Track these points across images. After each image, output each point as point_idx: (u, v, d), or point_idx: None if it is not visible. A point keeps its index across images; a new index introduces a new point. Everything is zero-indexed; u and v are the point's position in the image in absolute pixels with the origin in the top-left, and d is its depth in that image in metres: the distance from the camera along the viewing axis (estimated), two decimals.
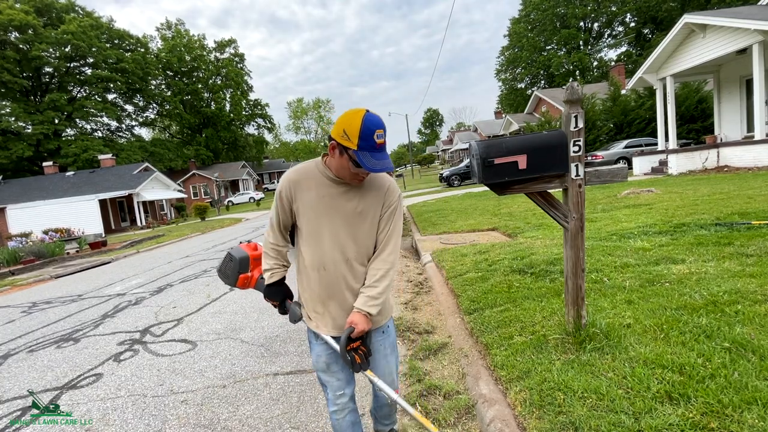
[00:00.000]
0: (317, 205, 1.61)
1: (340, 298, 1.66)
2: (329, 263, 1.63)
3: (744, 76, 13.08)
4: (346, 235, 1.62)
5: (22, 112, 35.57)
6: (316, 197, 1.61)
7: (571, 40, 47.26)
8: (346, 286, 1.65)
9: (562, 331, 2.79)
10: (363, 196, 1.63)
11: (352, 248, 1.63)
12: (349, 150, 1.46)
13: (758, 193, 6.87)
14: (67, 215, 23.81)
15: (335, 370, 1.76)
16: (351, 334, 1.57)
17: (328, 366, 1.76)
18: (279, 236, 1.74)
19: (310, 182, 1.62)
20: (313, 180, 1.62)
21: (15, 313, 6.51)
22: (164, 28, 53.52)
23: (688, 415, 1.85)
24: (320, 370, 1.79)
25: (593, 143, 21.14)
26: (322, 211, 1.61)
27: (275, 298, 1.80)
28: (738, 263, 3.69)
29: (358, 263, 1.66)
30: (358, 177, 1.58)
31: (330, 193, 1.61)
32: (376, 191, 1.65)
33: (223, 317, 4.86)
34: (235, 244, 11.77)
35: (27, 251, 12.96)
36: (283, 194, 1.64)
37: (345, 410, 1.81)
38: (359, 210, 1.62)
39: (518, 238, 6.45)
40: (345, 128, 1.45)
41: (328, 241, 1.62)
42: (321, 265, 1.64)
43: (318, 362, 1.77)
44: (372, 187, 1.65)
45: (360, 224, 1.63)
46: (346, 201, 1.61)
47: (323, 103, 75.32)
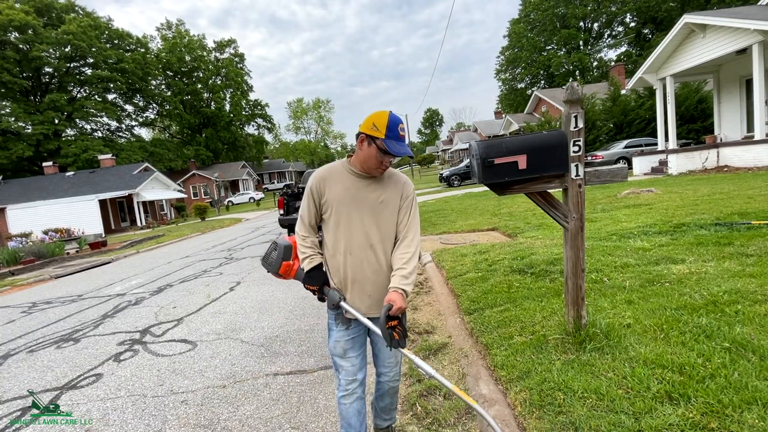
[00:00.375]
0: (344, 197, 1.83)
1: (361, 280, 1.85)
2: (355, 248, 1.83)
3: (744, 76, 13.08)
4: (370, 222, 1.83)
5: (22, 112, 35.53)
6: (343, 189, 1.84)
7: (571, 40, 47.24)
8: (371, 269, 1.85)
9: (562, 331, 2.79)
10: (384, 188, 1.87)
11: (376, 234, 1.84)
12: (377, 140, 1.73)
13: (758, 193, 6.87)
14: (67, 215, 23.80)
15: (351, 356, 1.91)
16: (389, 311, 1.69)
17: (345, 351, 1.91)
18: (310, 229, 1.92)
19: (337, 177, 1.86)
20: (339, 175, 1.86)
21: (15, 314, 6.51)
22: (164, 28, 53.54)
23: (688, 415, 1.85)
24: (337, 355, 1.93)
25: (593, 143, 21.13)
26: (349, 202, 1.83)
27: (315, 283, 1.89)
28: (738, 263, 3.69)
29: (380, 249, 1.85)
30: (383, 165, 1.80)
31: (356, 186, 1.84)
32: (395, 184, 1.89)
33: (223, 317, 4.86)
34: (235, 244, 11.80)
35: (27, 251, 12.95)
36: (314, 189, 1.86)
37: (354, 396, 1.92)
38: (381, 200, 1.85)
39: (518, 238, 6.45)
40: (374, 122, 1.73)
41: (355, 227, 1.83)
42: (348, 249, 1.84)
43: (336, 347, 1.92)
44: (391, 181, 1.89)
45: (382, 212, 1.85)
46: (369, 192, 1.84)
47: (323, 103, 75.29)
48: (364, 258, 1.83)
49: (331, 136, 76.77)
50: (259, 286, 6.16)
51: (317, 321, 4.33)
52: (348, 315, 1.87)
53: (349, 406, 1.91)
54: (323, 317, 4.42)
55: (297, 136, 74.29)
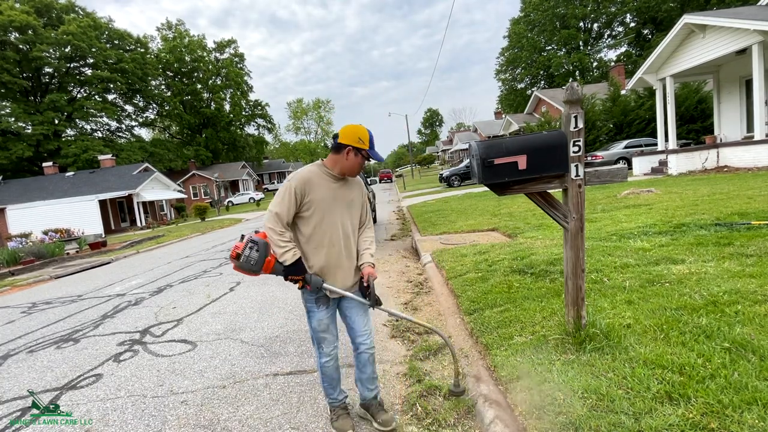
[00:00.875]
0: (327, 197, 2.17)
1: (344, 266, 2.23)
2: (337, 239, 2.19)
3: (744, 76, 13.09)
4: (346, 217, 2.23)
5: (22, 112, 35.51)
6: (326, 191, 2.17)
7: (571, 41, 47.24)
8: (348, 256, 2.24)
9: (562, 331, 2.79)
10: (351, 188, 2.28)
11: (349, 226, 2.25)
12: (363, 150, 2.14)
13: (758, 194, 6.87)
14: (66, 215, 23.80)
15: (332, 330, 2.32)
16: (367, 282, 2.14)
17: (328, 327, 2.29)
18: (286, 225, 2.13)
19: (318, 180, 2.17)
20: (320, 179, 2.18)
21: (15, 314, 6.50)
22: (165, 28, 53.53)
23: (688, 416, 1.85)
24: (321, 331, 2.29)
25: (593, 143, 21.14)
26: (331, 201, 2.18)
27: (300, 273, 2.13)
28: (738, 263, 3.69)
29: (352, 237, 2.27)
30: (362, 169, 2.25)
31: (333, 187, 2.20)
32: (357, 185, 2.32)
33: (223, 318, 4.86)
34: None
35: (27, 252, 12.95)
36: (297, 190, 2.11)
37: (333, 359, 2.33)
38: (352, 198, 2.27)
39: (518, 238, 6.45)
40: (359, 137, 2.12)
41: (336, 222, 2.19)
42: (331, 242, 2.18)
43: (320, 325, 2.27)
44: (354, 182, 2.31)
45: (353, 207, 2.28)
46: (344, 192, 2.24)
47: (323, 103, 75.25)
48: (343, 247, 2.21)
49: (330, 137, 76.67)
50: (259, 287, 6.16)
51: None
52: (331, 294, 2.21)
53: (331, 366, 2.33)
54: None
55: (297, 137, 74.24)
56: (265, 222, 2.12)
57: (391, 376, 2.97)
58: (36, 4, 36.52)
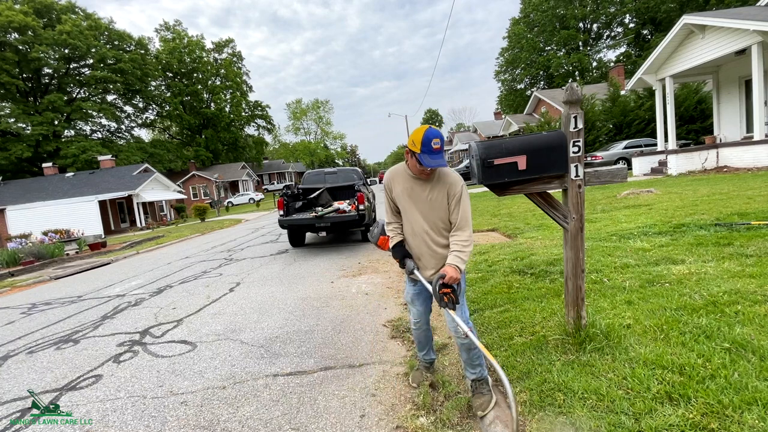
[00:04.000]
0: (403, 193, 2.39)
1: (425, 254, 2.40)
2: (417, 230, 2.39)
3: (743, 76, 13.10)
4: (420, 214, 2.37)
5: (21, 113, 35.50)
6: (403, 188, 2.39)
7: (571, 41, 47.27)
8: (427, 247, 2.39)
9: (562, 331, 2.79)
10: (432, 188, 2.32)
11: (424, 223, 2.36)
12: (416, 154, 2.16)
13: (758, 194, 6.88)
14: (66, 216, 23.79)
15: (416, 304, 2.58)
16: (442, 279, 2.15)
17: (412, 300, 2.58)
18: (392, 215, 2.51)
19: (398, 178, 2.41)
20: (401, 176, 2.40)
21: (14, 315, 6.50)
22: (163, 29, 53.52)
23: (688, 416, 1.85)
24: (408, 302, 2.64)
25: (593, 144, 21.15)
26: (407, 197, 2.38)
27: (397, 255, 2.46)
28: (738, 263, 3.69)
29: (433, 233, 2.36)
30: (425, 172, 2.26)
31: (411, 185, 2.36)
32: (442, 185, 2.30)
33: (223, 318, 4.86)
34: (235, 245, 11.82)
35: (26, 252, 12.94)
36: (386, 186, 2.48)
37: (420, 329, 2.64)
38: (430, 198, 2.32)
39: (518, 238, 6.45)
40: (413, 139, 2.17)
41: (414, 216, 2.38)
42: (413, 232, 2.41)
43: (407, 296, 2.62)
44: (439, 182, 2.31)
45: (430, 207, 2.34)
46: (421, 191, 2.34)
47: (322, 103, 75.12)
48: (422, 240, 2.38)
49: (330, 137, 76.54)
50: (259, 287, 6.16)
51: (317, 322, 4.33)
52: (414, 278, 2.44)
53: (418, 332, 2.67)
54: (323, 318, 4.42)
55: (297, 137, 74.09)
56: None
57: (391, 376, 2.97)
58: (36, 5, 36.51)
